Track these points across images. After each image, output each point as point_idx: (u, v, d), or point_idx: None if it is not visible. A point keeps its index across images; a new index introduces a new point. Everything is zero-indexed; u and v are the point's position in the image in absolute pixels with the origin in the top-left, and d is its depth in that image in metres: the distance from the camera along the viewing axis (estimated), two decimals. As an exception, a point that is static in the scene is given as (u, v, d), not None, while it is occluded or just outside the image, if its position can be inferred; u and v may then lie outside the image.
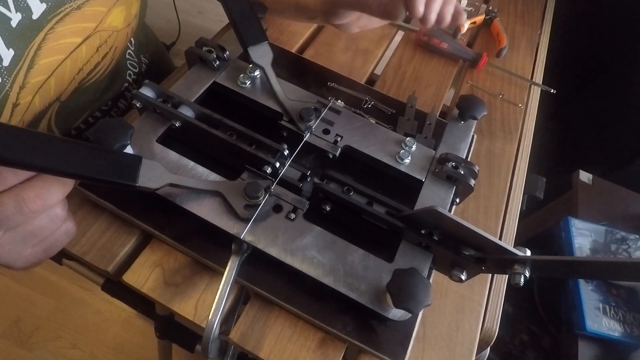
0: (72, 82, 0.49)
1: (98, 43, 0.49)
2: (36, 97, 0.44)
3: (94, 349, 1.15)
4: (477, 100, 0.48)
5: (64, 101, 0.49)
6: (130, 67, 0.60)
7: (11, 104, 0.41)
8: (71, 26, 0.44)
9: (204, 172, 0.40)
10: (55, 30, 0.42)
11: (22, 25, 0.39)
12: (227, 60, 0.48)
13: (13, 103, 0.41)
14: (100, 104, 0.57)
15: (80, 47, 0.47)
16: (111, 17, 0.49)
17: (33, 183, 0.29)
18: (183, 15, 1.65)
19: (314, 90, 0.49)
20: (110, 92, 0.57)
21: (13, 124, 0.43)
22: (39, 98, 0.45)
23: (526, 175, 0.58)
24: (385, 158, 0.44)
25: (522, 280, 0.32)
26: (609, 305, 0.89)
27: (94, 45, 0.49)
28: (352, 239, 0.39)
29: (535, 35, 0.77)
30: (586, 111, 1.30)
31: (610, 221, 1.02)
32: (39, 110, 0.46)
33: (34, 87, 0.43)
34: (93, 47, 0.49)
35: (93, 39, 0.48)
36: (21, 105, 0.43)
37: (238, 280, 0.37)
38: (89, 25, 0.47)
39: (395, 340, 0.36)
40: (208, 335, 0.34)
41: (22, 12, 0.38)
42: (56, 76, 0.45)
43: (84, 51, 0.48)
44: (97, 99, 0.55)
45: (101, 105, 0.57)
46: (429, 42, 0.67)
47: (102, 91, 0.55)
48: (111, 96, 0.58)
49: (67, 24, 0.44)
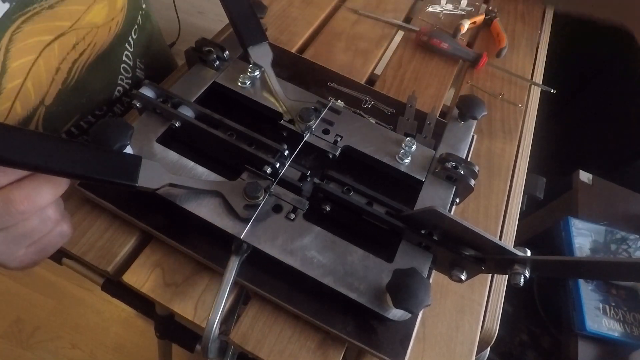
0: (53, 83, 0.47)
1: (74, 40, 0.47)
2: (16, 103, 0.42)
3: (94, 349, 1.15)
4: (477, 100, 0.48)
5: (50, 105, 0.47)
6: (123, 72, 0.57)
7: None
8: (41, 25, 0.42)
9: (204, 172, 0.40)
10: (22, 30, 0.40)
11: None
12: (227, 60, 0.48)
13: None
14: (92, 108, 0.54)
15: (52, 45, 0.44)
16: (91, 15, 0.47)
17: (22, 184, 0.28)
18: (183, 15, 1.65)
19: (314, 90, 0.49)
20: (100, 95, 0.54)
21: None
22: (20, 104, 0.43)
23: (526, 175, 0.58)
24: (385, 158, 0.44)
25: (522, 280, 0.32)
26: (609, 305, 0.89)
27: (69, 43, 0.46)
28: (352, 239, 0.39)
29: (535, 35, 0.77)
30: (586, 111, 1.30)
31: (610, 221, 1.02)
32: (22, 117, 0.44)
33: (11, 93, 0.41)
34: (68, 44, 0.46)
35: (68, 37, 0.45)
36: (1, 112, 0.41)
37: (238, 280, 0.37)
38: (63, 24, 0.44)
39: (395, 341, 0.36)
40: (208, 335, 0.34)
41: None
42: (32, 78, 0.43)
43: (57, 49, 0.45)
44: (86, 101, 0.53)
45: (93, 109, 0.55)
46: (429, 42, 0.67)
47: (89, 93, 0.53)
48: (102, 100, 0.55)
49: (36, 23, 0.41)
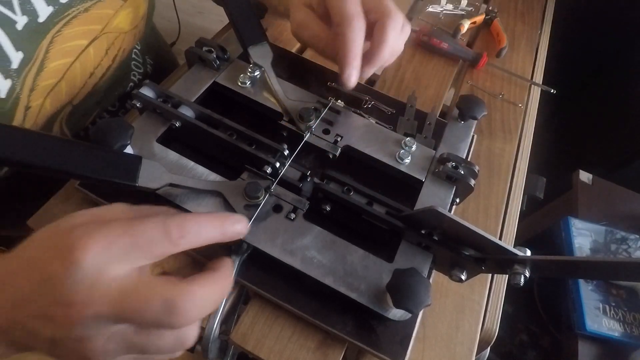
0: (85, 86, 0.49)
1: (106, 45, 0.50)
2: (47, 100, 0.44)
3: (94, 349, 1.14)
4: (477, 100, 0.48)
5: (76, 104, 0.50)
6: (135, 68, 0.60)
7: (23, 106, 0.41)
8: (77, 29, 0.44)
9: (204, 172, 0.40)
10: (62, 33, 0.43)
11: (28, 28, 0.39)
12: (227, 60, 0.48)
13: (25, 106, 0.42)
14: (107, 105, 0.57)
15: (88, 50, 0.47)
16: (118, 19, 0.50)
17: (193, 281, 0.25)
18: (183, 15, 1.65)
19: (314, 90, 0.49)
20: (115, 92, 0.57)
21: (27, 127, 0.43)
22: (50, 101, 0.45)
23: (526, 175, 0.58)
24: (385, 158, 0.44)
25: (522, 280, 0.32)
26: (609, 305, 0.89)
27: (102, 48, 0.49)
28: (352, 239, 0.39)
29: (535, 35, 0.77)
30: (586, 111, 1.30)
31: (610, 221, 1.02)
32: (50, 113, 0.46)
33: (44, 90, 0.43)
34: (101, 49, 0.49)
35: (100, 41, 0.48)
36: (33, 108, 0.43)
37: (238, 280, 0.37)
38: (95, 27, 0.47)
39: (395, 340, 0.36)
40: (208, 335, 0.34)
41: (28, 15, 0.39)
42: (67, 80, 0.46)
43: (92, 54, 0.48)
44: (103, 99, 0.55)
45: (107, 106, 0.57)
46: (429, 42, 0.67)
47: (107, 91, 0.55)
48: (117, 96, 0.58)
49: (74, 27, 0.44)
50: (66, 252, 0.22)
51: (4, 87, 0.38)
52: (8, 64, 0.38)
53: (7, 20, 0.37)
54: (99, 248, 0.22)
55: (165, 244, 0.24)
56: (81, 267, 0.22)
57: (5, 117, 0.40)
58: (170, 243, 0.25)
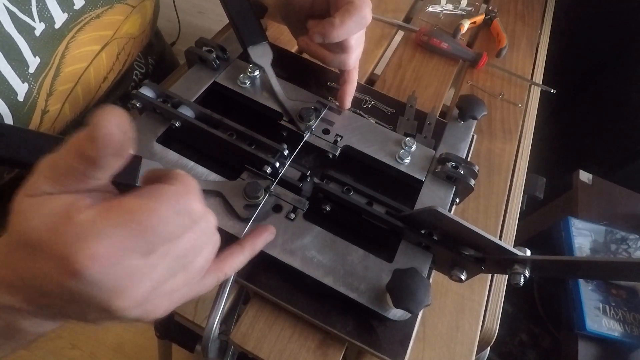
0: (99, 90, 0.51)
1: (117, 50, 0.51)
2: (66, 105, 0.45)
3: (94, 349, 1.14)
4: (477, 100, 0.48)
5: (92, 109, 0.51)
6: (137, 68, 0.61)
7: (40, 110, 0.42)
8: (90, 34, 0.46)
9: (204, 172, 0.40)
10: (76, 39, 0.44)
11: (45, 34, 0.41)
12: (227, 60, 0.48)
13: (42, 110, 0.43)
14: (108, 104, 0.57)
15: (100, 55, 0.48)
16: (127, 25, 0.51)
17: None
18: (183, 15, 1.65)
19: (314, 90, 0.49)
20: (117, 92, 0.58)
21: (43, 131, 0.44)
22: (69, 106, 0.46)
23: (526, 175, 0.58)
24: (385, 158, 0.44)
25: (522, 280, 0.32)
26: (609, 305, 0.89)
27: (113, 53, 0.50)
28: (352, 239, 0.39)
29: (535, 35, 0.77)
30: (586, 111, 1.30)
31: (610, 221, 1.02)
32: (71, 119, 0.47)
33: (62, 95, 0.44)
34: (113, 54, 0.50)
35: (111, 47, 0.50)
36: (51, 112, 0.44)
37: (238, 280, 0.37)
38: (107, 33, 0.48)
39: (395, 340, 0.36)
40: (208, 335, 0.34)
41: (45, 21, 0.40)
42: (82, 84, 0.47)
43: (105, 59, 0.49)
44: (105, 99, 0.56)
45: None
46: (429, 42, 0.67)
47: (111, 92, 0.56)
48: (119, 96, 0.58)
49: (87, 32, 0.45)
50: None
51: (21, 90, 0.40)
52: (26, 68, 0.40)
53: (26, 27, 0.39)
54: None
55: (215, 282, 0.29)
56: None
57: (24, 120, 0.41)
58: (220, 280, 0.30)
